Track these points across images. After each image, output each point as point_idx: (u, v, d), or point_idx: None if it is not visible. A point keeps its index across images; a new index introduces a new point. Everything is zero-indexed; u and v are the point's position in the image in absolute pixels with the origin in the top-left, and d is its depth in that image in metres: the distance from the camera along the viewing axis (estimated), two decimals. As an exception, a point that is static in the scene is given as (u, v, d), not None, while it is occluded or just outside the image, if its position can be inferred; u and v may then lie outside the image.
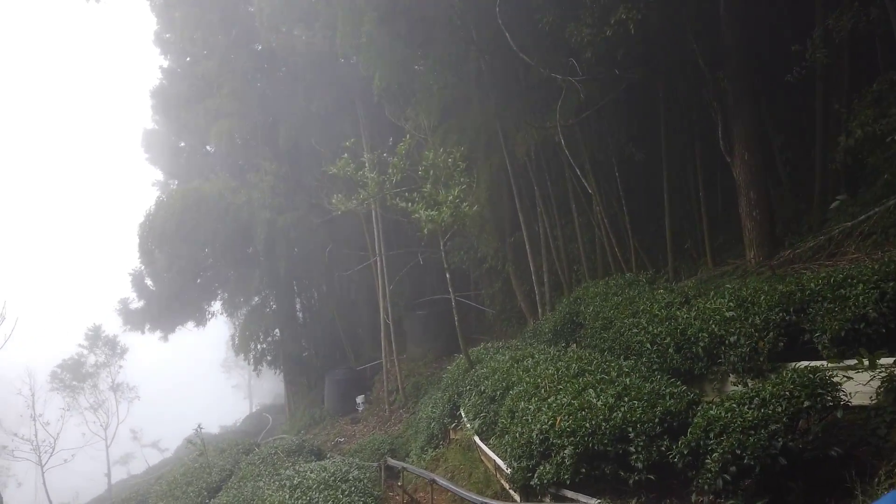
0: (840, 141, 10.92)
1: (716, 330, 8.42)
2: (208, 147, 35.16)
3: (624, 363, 9.50)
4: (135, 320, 34.35)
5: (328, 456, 17.90)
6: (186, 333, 34.59)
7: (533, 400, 9.13)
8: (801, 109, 14.19)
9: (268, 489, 11.79)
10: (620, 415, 7.26)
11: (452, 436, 14.09)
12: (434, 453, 14.58)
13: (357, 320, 34.11)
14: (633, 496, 6.93)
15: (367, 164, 13.36)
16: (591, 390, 8.31)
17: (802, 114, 14.15)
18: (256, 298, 33.28)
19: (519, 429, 8.71)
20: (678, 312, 9.62)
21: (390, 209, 15.28)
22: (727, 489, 5.45)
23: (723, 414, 5.96)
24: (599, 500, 7.00)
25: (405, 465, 11.68)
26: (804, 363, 7.10)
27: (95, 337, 36.14)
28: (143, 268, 31.28)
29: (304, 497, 10.07)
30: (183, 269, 30.16)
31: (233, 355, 39.76)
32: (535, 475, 7.82)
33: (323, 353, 34.79)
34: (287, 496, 10.37)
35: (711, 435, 5.90)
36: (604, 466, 7.14)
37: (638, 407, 7.35)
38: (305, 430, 30.27)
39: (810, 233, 12.62)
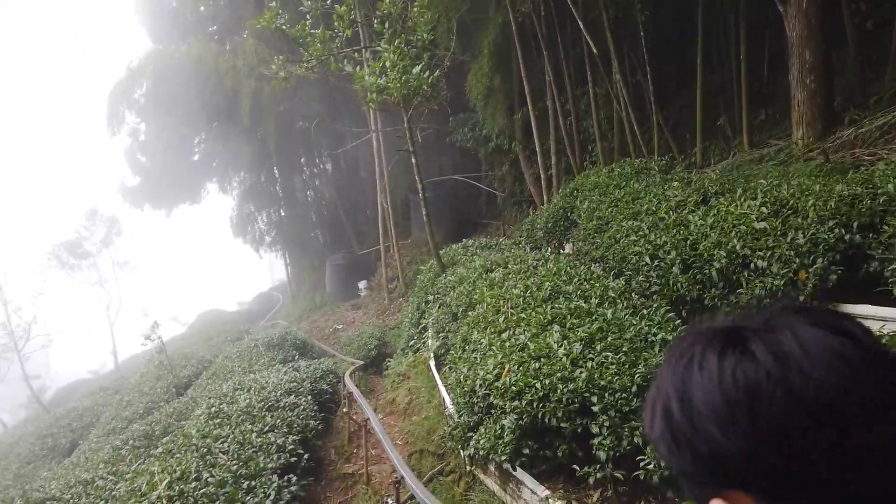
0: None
1: (738, 247, 5.96)
2: (201, 8, 31.75)
3: (612, 283, 7.18)
4: (133, 198, 32.96)
5: (296, 354, 16.45)
6: (208, 209, 33.32)
7: (487, 331, 6.97)
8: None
9: (197, 409, 10.25)
10: (585, 374, 5.05)
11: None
12: (413, 358, 12.89)
13: (361, 202, 32.04)
14: (596, 487, 4.90)
15: (308, 17, 10.43)
16: (556, 327, 6.07)
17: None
18: (254, 177, 31.26)
19: (465, 369, 6.63)
20: (691, 217, 7.12)
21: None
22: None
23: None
24: (548, 493, 4.98)
25: (353, 389, 9.95)
26: (870, 310, 4.74)
27: (93, 215, 34.94)
28: (130, 142, 29.33)
29: (218, 428, 8.43)
30: (170, 143, 28.10)
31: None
32: (471, 442, 5.81)
33: (328, 236, 33.17)
34: (202, 425, 8.74)
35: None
36: (556, 445, 5.04)
37: (612, 363, 5.12)
38: (306, 315, 29.29)
39: (880, 106, 9.72)
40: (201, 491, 6.24)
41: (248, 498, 6.14)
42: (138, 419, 14.75)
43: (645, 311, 6.12)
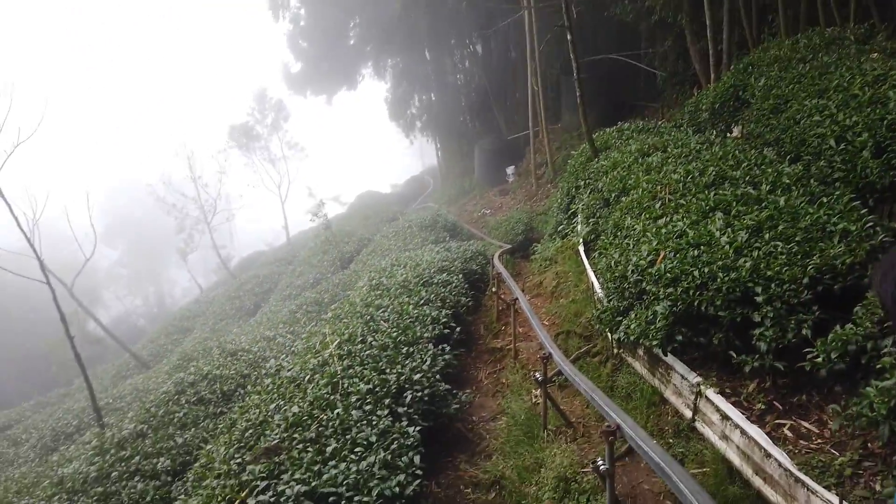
0: None
1: (951, 127, 5.15)
2: None
3: (787, 168, 6.54)
4: (296, 84, 34.72)
5: (447, 236, 16.99)
6: (364, 94, 35.01)
7: (642, 217, 6.75)
8: None
9: (360, 281, 11.13)
10: (750, 263, 4.78)
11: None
12: (560, 244, 12.93)
13: (510, 85, 31.28)
14: (752, 378, 4.77)
15: None
16: (719, 214, 5.73)
17: None
18: (406, 60, 31.44)
19: (616, 255, 6.54)
20: (892, 93, 6.19)
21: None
22: None
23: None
24: (700, 380, 4.93)
25: (501, 270, 10.19)
26: None
27: (262, 98, 37.33)
28: (291, 28, 30.53)
29: (379, 299, 9.16)
30: (328, 28, 28.89)
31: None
32: (621, 326, 5.81)
33: (476, 121, 33.06)
34: (364, 295, 9.54)
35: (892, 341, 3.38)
36: (712, 333, 4.90)
37: (782, 252, 4.78)
38: (455, 199, 30.00)
39: None
40: (366, 352, 6.90)
41: (406, 361, 6.69)
42: (309, 288, 16.41)
43: (825, 200, 5.55)
